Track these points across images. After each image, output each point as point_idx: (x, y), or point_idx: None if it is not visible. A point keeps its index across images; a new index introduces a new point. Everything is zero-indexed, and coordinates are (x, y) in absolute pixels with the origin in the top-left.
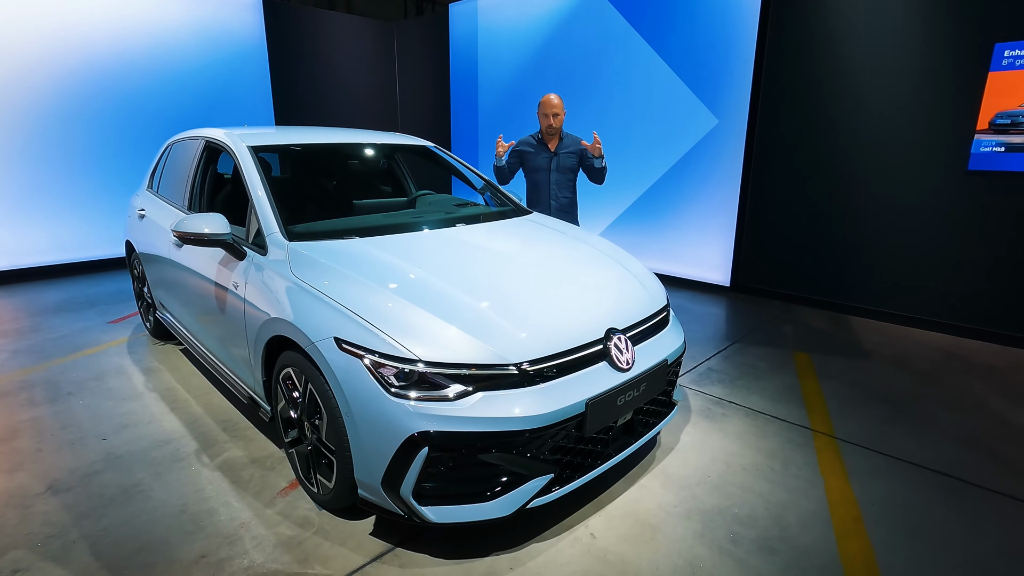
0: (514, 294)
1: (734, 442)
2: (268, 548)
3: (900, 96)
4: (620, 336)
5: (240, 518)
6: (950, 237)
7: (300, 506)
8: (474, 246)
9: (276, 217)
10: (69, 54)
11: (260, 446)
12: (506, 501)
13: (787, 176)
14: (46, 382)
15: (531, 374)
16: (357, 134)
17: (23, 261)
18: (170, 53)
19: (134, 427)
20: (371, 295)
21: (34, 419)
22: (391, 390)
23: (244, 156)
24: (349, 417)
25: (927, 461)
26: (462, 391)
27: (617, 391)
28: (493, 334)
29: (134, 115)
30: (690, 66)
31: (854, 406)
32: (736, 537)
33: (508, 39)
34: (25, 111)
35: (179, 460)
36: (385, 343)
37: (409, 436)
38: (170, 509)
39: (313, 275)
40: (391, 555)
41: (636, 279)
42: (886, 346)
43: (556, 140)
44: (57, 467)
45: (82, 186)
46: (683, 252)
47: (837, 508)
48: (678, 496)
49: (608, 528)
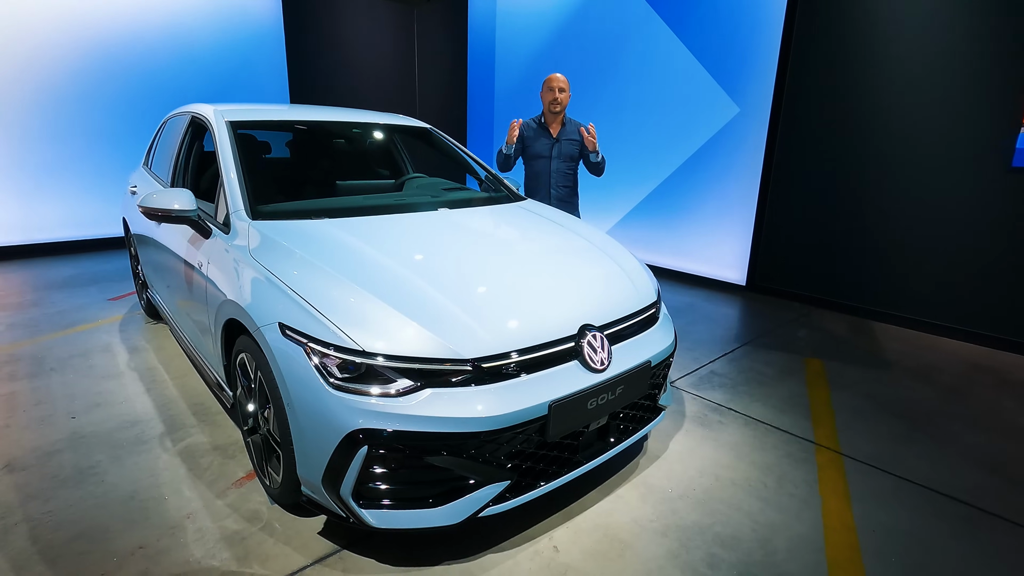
0: (481, 285)
1: (727, 453)
2: (209, 542)
3: (937, 87)
4: (596, 334)
5: (188, 508)
6: (987, 240)
7: (252, 499)
8: (451, 232)
9: (243, 195)
10: (89, 33)
11: (226, 433)
12: (455, 508)
13: (811, 170)
14: (32, 357)
15: (487, 371)
16: (352, 113)
17: (38, 236)
18: (188, 34)
19: (106, 407)
20: (322, 279)
21: (10, 394)
22: (332, 382)
23: (221, 131)
24: (291, 408)
25: (941, 485)
26: (409, 387)
27: (588, 393)
28: (448, 327)
29: (151, 95)
30: (711, 51)
31: (866, 420)
32: (714, 560)
33: (526, 22)
34: (44, 90)
35: (142, 443)
36: (328, 331)
37: (349, 433)
38: (120, 494)
39: (269, 256)
40: (336, 558)
41: (624, 274)
42: (910, 356)
43: (559, 125)
44: (20, 444)
45: (99, 164)
46: (698, 248)
47: (833, 533)
48: (656, 510)
49: (574, 542)
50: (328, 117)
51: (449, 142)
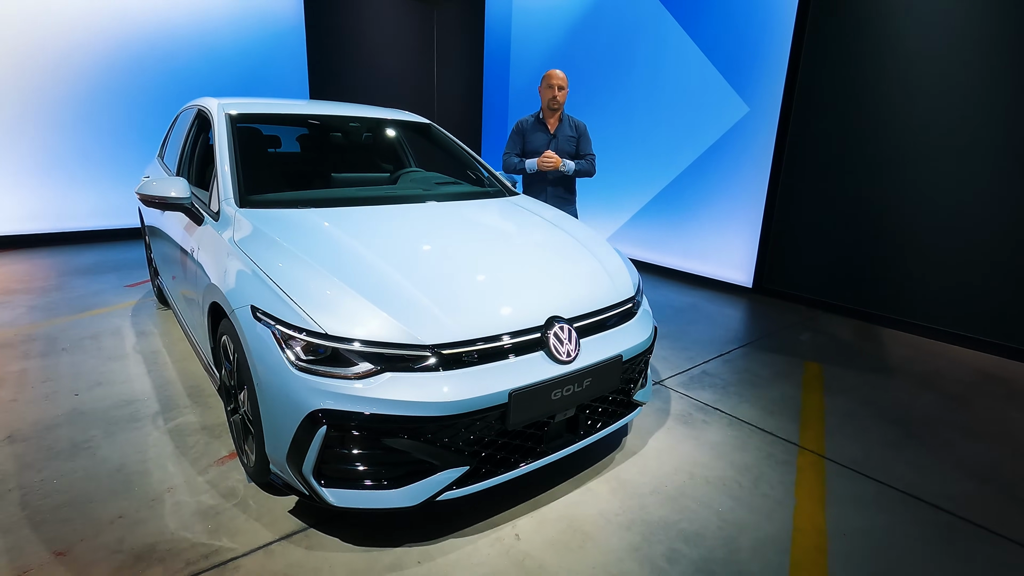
0: (452, 275)
1: (706, 452)
2: (185, 515)
3: (949, 89)
4: (563, 326)
5: (170, 482)
6: (1000, 245)
7: (231, 477)
8: (433, 224)
9: (234, 184)
10: (117, 31)
11: (216, 414)
12: (412, 491)
13: (821, 171)
14: (47, 337)
15: (449, 358)
16: (354, 108)
17: (68, 225)
18: (213, 32)
19: (107, 385)
20: (297, 265)
21: (21, 371)
22: (297, 363)
23: (220, 123)
24: (259, 388)
25: (925, 493)
26: (370, 370)
27: (552, 384)
28: (412, 314)
29: (176, 90)
30: (723, 49)
31: (857, 425)
32: (674, 555)
33: (541, 21)
34: (77, 84)
35: (135, 421)
36: (296, 314)
37: (310, 412)
38: (108, 467)
39: (250, 243)
40: (302, 535)
41: (603, 269)
42: (915, 363)
43: (556, 121)
44: (23, 418)
45: (125, 156)
46: (705, 249)
47: (801, 536)
48: (624, 504)
49: (536, 531)
50: (328, 111)
51: (448, 137)
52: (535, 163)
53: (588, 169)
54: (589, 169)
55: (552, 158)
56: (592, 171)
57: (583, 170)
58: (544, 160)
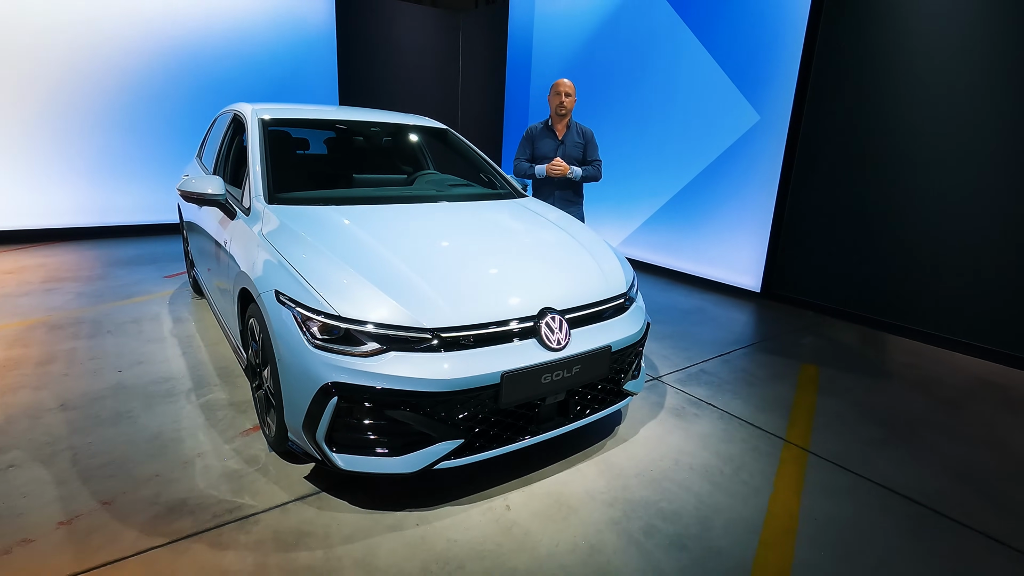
0: (454, 267)
1: (693, 442)
2: (212, 477)
3: (962, 98)
4: (555, 316)
5: (199, 449)
6: (1007, 254)
7: (254, 446)
8: (440, 221)
9: (264, 183)
10: (161, 38)
11: (243, 392)
12: (412, 459)
13: (830, 180)
14: (93, 320)
15: (447, 341)
16: (377, 114)
17: (112, 219)
18: (249, 39)
19: (147, 364)
20: (315, 255)
21: (71, 350)
22: (313, 341)
23: (253, 127)
24: (281, 363)
25: (900, 486)
26: (376, 349)
27: (541, 368)
28: (416, 301)
29: (214, 95)
30: (735, 59)
31: (845, 424)
32: (651, 530)
33: (561, 29)
34: (122, 91)
35: (171, 396)
36: (313, 298)
37: (323, 385)
38: (146, 434)
39: (276, 235)
40: (315, 497)
41: (597, 266)
42: (914, 368)
43: (564, 127)
44: (73, 390)
45: (166, 156)
46: (715, 254)
47: (773, 519)
48: (609, 484)
49: (525, 504)
50: (352, 117)
51: (464, 142)
52: (544, 169)
53: (594, 174)
54: (595, 174)
55: (560, 166)
56: (598, 176)
57: (589, 175)
58: (552, 167)
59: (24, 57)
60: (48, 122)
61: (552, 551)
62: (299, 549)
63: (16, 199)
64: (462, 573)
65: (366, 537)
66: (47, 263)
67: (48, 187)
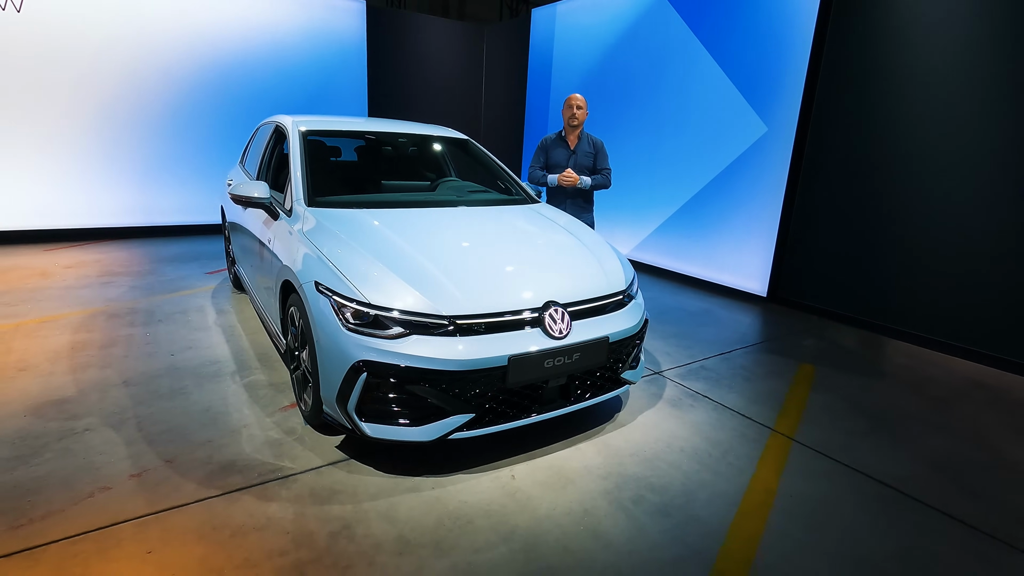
0: (470, 264)
1: (686, 429)
2: (257, 443)
3: (963, 112)
4: (558, 308)
5: (245, 421)
6: (1004, 263)
7: (292, 420)
8: (460, 223)
9: (304, 188)
10: (206, 52)
11: (281, 374)
12: (430, 428)
13: (835, 188)
14: (146, 310)
15: (462, 327)
16: (405, 125)
17: (158, 219)
18: (286, 53)
19: (196, 350)
20: (349, 251)
21: (129, 335)
22: (347, 325)
23: (294, 138)
24: (318, 345)
25: (876, 472)
26: (400, 333)
27: (545, 354)
28: (435, 292)
29: (252, 105)
30: (744, 72)
31: (833, 417)
32: (639, 499)
33: (580, 43)
34: (169, 100)
35: (218, 376)
36: (348, 288)
37: (354, 363)
38: (198, 408)
39: (315, 233)
40: (344, 463)
41: (599, 266)
42: (910, 370)
43: (576, 138)
44: (134, 369)
45: (208, 162)
46: (723, 259)
47: (752, 494)
48: (606, 461)
49: (529, 475)
50: (381, 128)
51: (483, 151)
52: (555, 178)
53: (603, 183)
54: (604, 182)
55: (570, 177)
56: (607, 184)
57: (599, 183)
58: (564, 177)
59: (84, 71)
60: (102, 131)
61: (550, 513)
62: (332, 503)
63: (74, 201)
64: (471, 527)
65: (389, 496)
66: (102, 259)
67: (102, 190)
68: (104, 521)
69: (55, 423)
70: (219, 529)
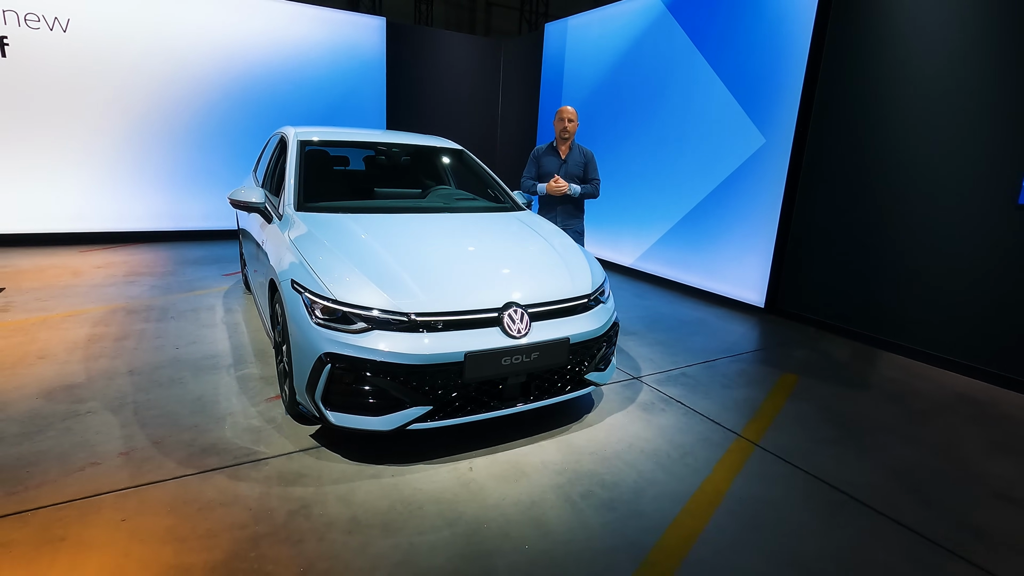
0: (437, 265)
1: (651, 431)
2: (238, 430)
3: (954, 127)
4: (517, 308)
5: (231, 409)
6: (997, 277)
7: (275, 411)
8: (438, 229)
9: (295, 193)
10: (231, 66)
11: (272, 369)
12: (389, 419)
13: (831, 201)
14: (161, 308)
15: (421, 324)
16: (401, 136)
17: (183, 225)
18: (308, 67)
19: (199, 344)
20: (326, 254)
21: (142, 329)
22: (316, 321)
23: (292, 147)
24: (293, 339)
25: (832, 479)
26: (363, 328)
27: (502, 352)
28: (398, 290)
29: (275, 116)
30: (744, 85)
31: (803, 425)
32: (588, 494)
33: (590, 56)
34: (195, 111)
35: (215, 369)
36: (319, 286)
37: (320, 355)
38: (191, 396)
39: (299, 236)
40: (314, 450)
41: (567, 270)
42: (896, 382)
43: (567, 149)
44: (140, 360)
45: (231, 170)
46: (722, 270)
47: (701, 494)
48: (564, 458)
49: (487, 468)
50: (379, 139)
51: (475, 161)
52: (545, 187)
53: (592, 192)
54: (593, 192)
55: (560, 185)
56: (596, 194)
57: (587, 193)
58: (552, 186)
59: (118, 86)
60: (134, 142)
61: (498, 503)
62: (296, 485)
63: (106, 206)
64: (420, 512)
65: (350, 481)
66: (129, 260)
67: (133, 197)
68: (89, 491)
69: (63, 405)
70: (189, 503)
